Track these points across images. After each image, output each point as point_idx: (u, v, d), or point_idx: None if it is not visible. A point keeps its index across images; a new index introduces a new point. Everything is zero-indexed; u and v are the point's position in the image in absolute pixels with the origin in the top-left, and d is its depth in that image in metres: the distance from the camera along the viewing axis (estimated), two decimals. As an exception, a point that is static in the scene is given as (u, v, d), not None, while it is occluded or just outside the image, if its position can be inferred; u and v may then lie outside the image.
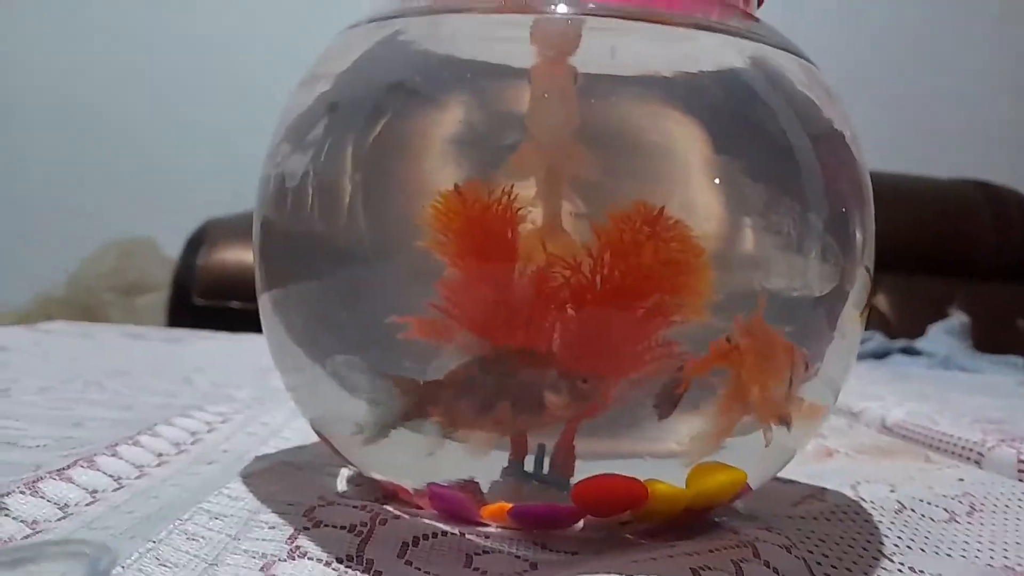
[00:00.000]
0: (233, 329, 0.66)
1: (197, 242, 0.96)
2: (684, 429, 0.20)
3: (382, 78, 0.20)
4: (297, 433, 0.30)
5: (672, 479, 0.20)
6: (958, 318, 0.88)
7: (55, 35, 1.45)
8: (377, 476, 0.22)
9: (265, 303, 0.22)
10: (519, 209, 0.18)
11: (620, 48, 0.20)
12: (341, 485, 0.24)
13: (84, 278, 1.24)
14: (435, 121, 0.20)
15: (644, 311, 0.19)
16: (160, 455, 0.25)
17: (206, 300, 0.93)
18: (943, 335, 0.83)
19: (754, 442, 0.20)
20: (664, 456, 0.20)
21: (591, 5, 0.20)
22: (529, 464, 0.20)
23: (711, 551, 0.19)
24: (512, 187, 0.18)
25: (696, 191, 0.19)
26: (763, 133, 0.20)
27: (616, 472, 0.19)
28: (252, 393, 0.38)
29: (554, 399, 0.18)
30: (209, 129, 1.45)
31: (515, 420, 0.19)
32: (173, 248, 1.05)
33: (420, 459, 0.20)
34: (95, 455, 0.23)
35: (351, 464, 0.22)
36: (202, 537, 0.18)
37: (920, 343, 0.83)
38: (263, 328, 0.23)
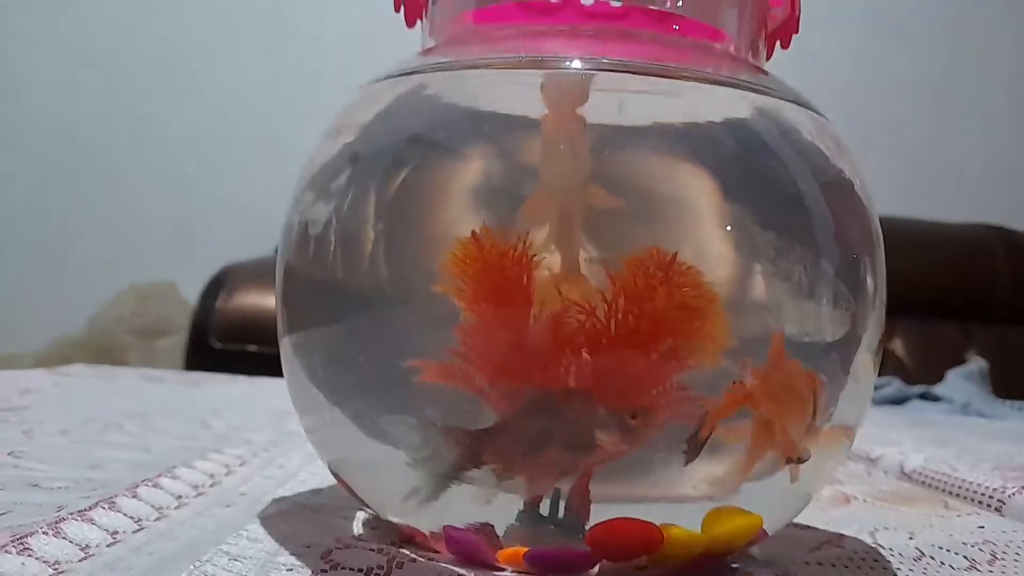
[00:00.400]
0: (250, 372, 0.67)
1: (216, 286, 0.98)
2: (700, 473, 0.20)
3: (403, 130, 0.21)
4: (313, 476, 0.31)
5: (688, 524, 0.20)
6: (976, 363, 0.87)
7: (77, 80, 1.49)
8: (393, 519, 0.22)
9: (286, 347, 0.23)
10: (534, 255, 0.19)
11: (633, 101, 0.21)
12: (357, 528, 0.24)
13: (104, 321, 1.26)
14: (454, 171, 0.20)
15: (658, 355, 0.19)
16: (179, 497, 0.26)
17: (224, 343, 0.93)
18: (962, 380, 0.82)
19: (770, 486, 0.20)
20: (680, 500, 0.20)
21: (604, 60, 0.21)
22: (544, 508, 0.20)
23: (727, 597, 0.19)
24: (528, 233, 0.19)
25: (708, 238, 0.20)
26: (773, 182, 0.20)
27: (631, 516, 0.20)
28: (269, 436, 0.38)
29: (605, 437, 0.18)
30: (229, 175, 1.47)
31: (567, 461, 0.19)
32: (192, 292, 1.07)
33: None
34: (116, 496, 0.24)
35: (367, 507, 0.23)
36: (222, 579, 0.18)
37: (939, 388, 0.82)
38: (284, 371, 0.23)
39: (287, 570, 0.19)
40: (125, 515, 0.23)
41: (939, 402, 0.80)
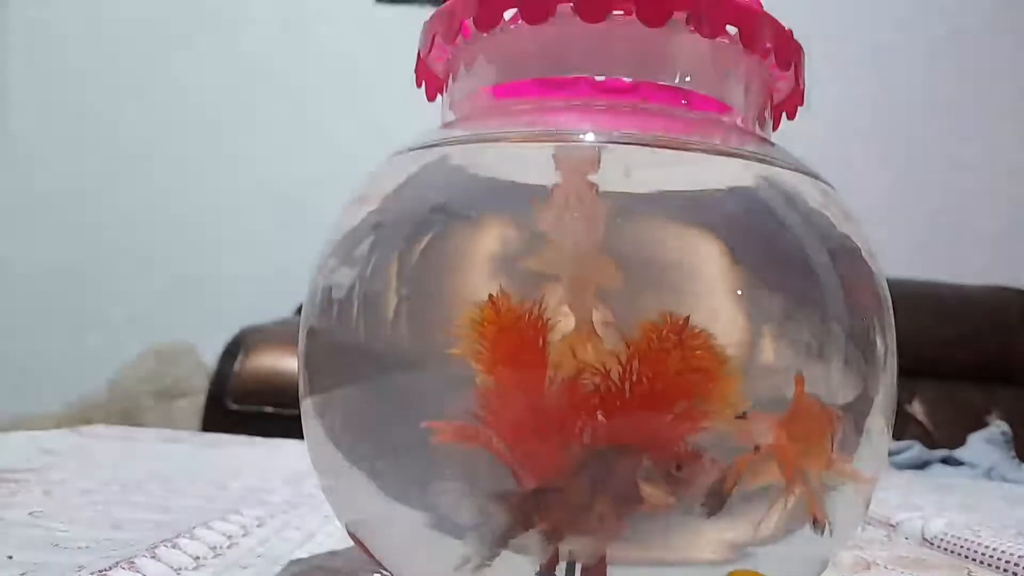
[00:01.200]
0: (266, 433, 0.67)
1: (234, 348, 0.99)
2: (718, 535, 0.20)
3: (426, 199, 0.22)
4: (330, 538, 0.31)
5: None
6: (998, 427, 0.85)
7: (97, 142, 1.53)
8: (411, 581, 0.22)
9: (307, 407, 0.23)
10: (549, 319, 0.19)
11: (643, 171, 0.22)
12: (374, 591, 0.24)
13: (124, 383, 1.26)
14: (473, 239, 0.21)
15: (673, 417, 0.19)
16: (198, 558, 0.26)
17: (240, 404, 0.94)
18: (984, 444, 0.81)
19: (788, 548, 0.20)
20: (697, 563, 0.20)
21: (615, 133, 0.22)
22: (561, 572, 0.20)
23: (746, 664, 0.19)
24: (543, 297, 0.20)
25: (719, 303, 0.20)
26: (780, 247, 0.21)
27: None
28: (286, 497, 0.38)
29: (651, 491, 0.19)
30: (247, 240, 1.50)
31: (616, 517, 0.19)
32: (211, 353, 1.08)
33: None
34: (135, 557, 0.24)
35: (384, 569, 0.23)
36: (241, 639, 0.18)
37: (961, 453, 0.81)
38: (304, 431, 0.23)
39: (305, 632, 0.19)
40: None
41: (962, 466, 0.79)
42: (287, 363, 0.93)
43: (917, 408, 1.13)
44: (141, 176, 1.53)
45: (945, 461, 0.79)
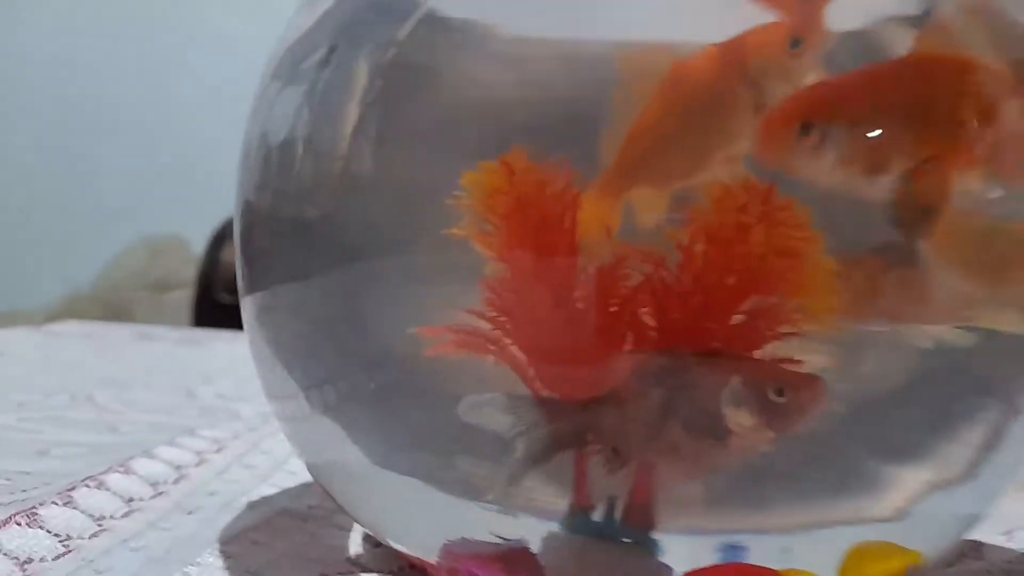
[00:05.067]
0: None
1: (222, 238, 0.93)
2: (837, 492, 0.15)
3: (407, 8, 0.15)
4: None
5: (816, 565, 0.14)
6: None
7: (85, 31, 1.45)
8: (395, 545, 0.16)
9: (249, 310, 0.17)
10: (577, 191, 0.13)
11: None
12: (354, 546, 0.18)
13: (113, 276, 1.23)
14: (476, 69, 0.14)
15: (751, 317, 0.14)
16: (130, 500, 0.20)
17: (232, 296, 0.89)
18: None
19: (931, 507, 0.15)
20: (803, 528, 0.15)
21: None
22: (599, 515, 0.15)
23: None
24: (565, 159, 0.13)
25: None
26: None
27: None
28: (260, 409, 0.32)
29: (738, 417, 0.13)
30: (237, 124, 1.42)
31: (690, 449, 0.14)
32: (202, 245, 1.03)
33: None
34: (39, 506, 0.18)
35: (360, 523, 0.17)
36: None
37: None
38: (249, 343, 0.17)
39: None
40: (50, 532, 0.17)
41: None
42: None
43: None
44: (129, 67, 1.44)
45: None
